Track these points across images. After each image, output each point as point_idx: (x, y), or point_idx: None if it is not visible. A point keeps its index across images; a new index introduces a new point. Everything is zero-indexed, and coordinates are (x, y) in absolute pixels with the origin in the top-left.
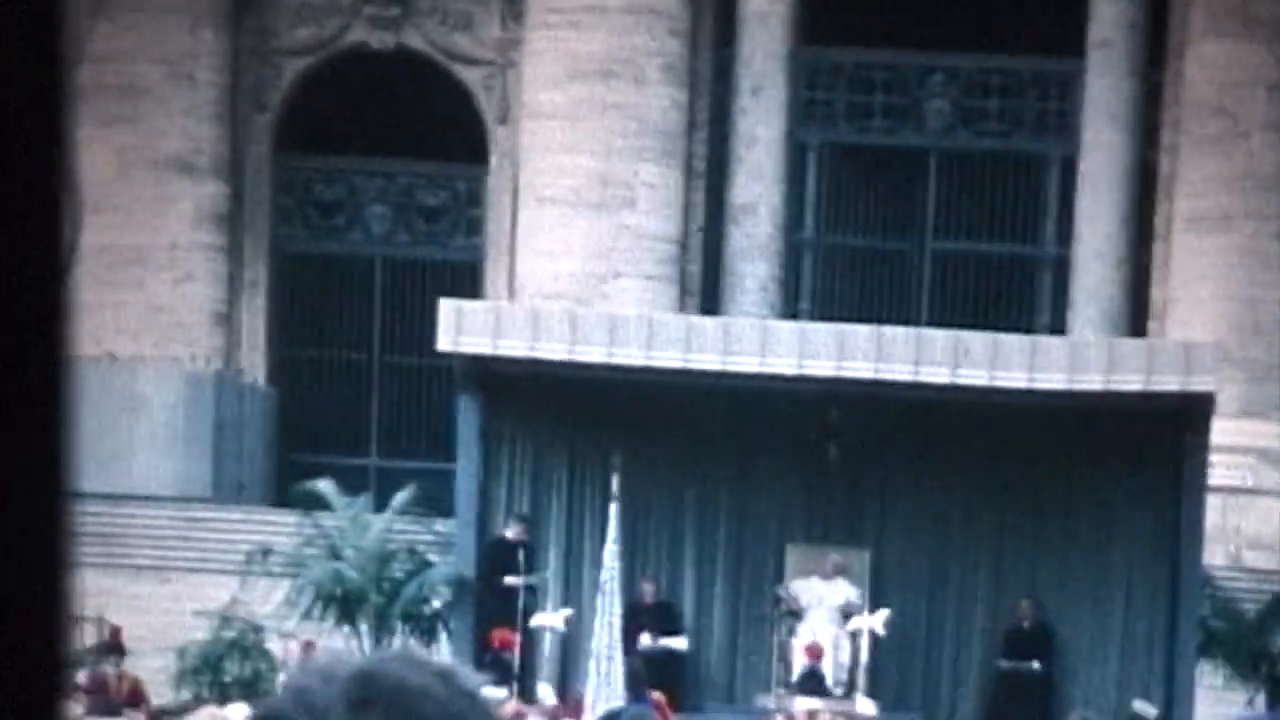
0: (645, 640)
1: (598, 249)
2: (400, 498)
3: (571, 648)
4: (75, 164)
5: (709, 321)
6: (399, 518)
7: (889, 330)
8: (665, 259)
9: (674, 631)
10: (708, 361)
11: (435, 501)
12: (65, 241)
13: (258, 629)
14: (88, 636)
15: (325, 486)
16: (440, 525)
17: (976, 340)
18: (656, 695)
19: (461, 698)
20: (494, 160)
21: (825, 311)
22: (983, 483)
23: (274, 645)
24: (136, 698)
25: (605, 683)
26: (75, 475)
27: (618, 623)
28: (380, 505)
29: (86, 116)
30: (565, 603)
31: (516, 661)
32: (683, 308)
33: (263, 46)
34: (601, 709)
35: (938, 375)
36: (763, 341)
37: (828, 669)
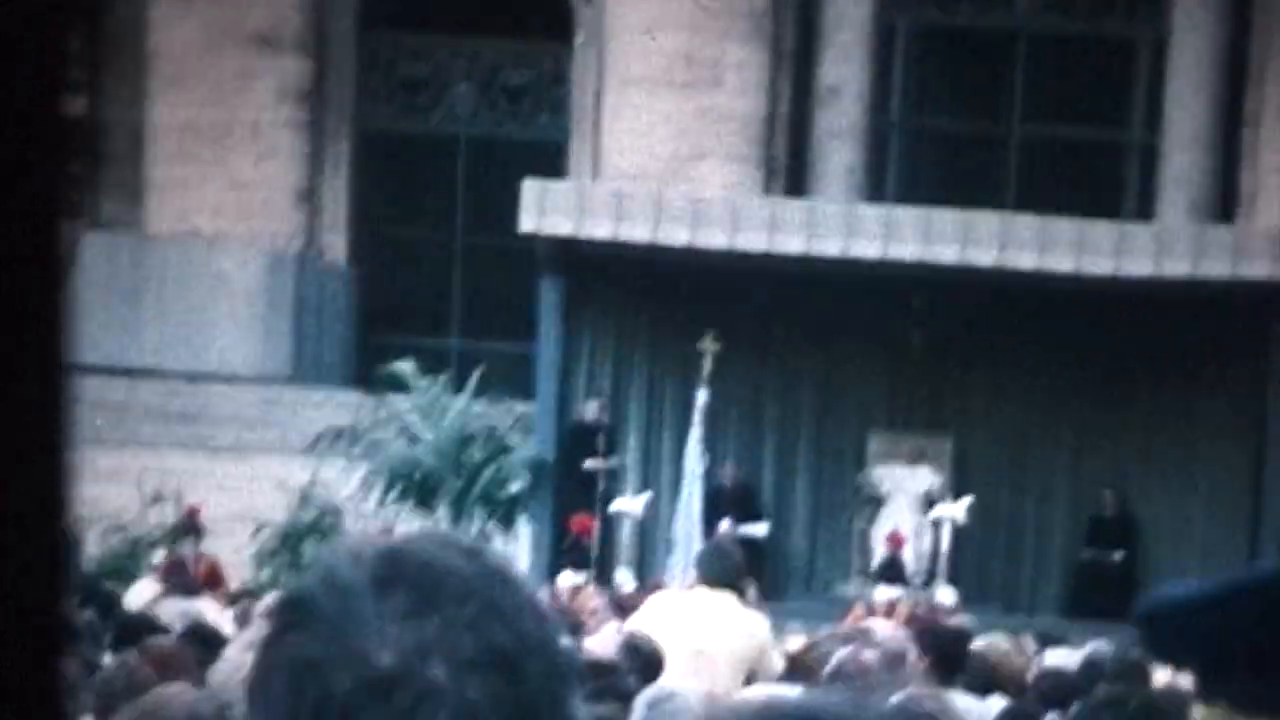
0: (724, 527)
1: (683, 129)
2: (473, 379)
3: (650, 532)
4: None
5: (794, 204)
6: (478, 401)
7: (975, 215)
8: (751, 140)
9: (754, 517)
10: (792, 245)
11: (516, 384)
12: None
13: (335, 511)
14: (167, 516)
15: (405, 367)
16: (520, 408)
17: (1063, 226)
18: None
19: (488, 575)
20: (579, 39)
21: (911, 196)
22: (1067, 370)
23: (352, 527)
24: (214, 579)
25: (686, 569)
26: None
27: (699, 507)
28: (461, 388)
29: None
30: (645, 487)
31: (595, 546)
32: (768, 190)
33: None
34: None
35: (1023, 260)
36: (847, 225)
37: (908, 557)
